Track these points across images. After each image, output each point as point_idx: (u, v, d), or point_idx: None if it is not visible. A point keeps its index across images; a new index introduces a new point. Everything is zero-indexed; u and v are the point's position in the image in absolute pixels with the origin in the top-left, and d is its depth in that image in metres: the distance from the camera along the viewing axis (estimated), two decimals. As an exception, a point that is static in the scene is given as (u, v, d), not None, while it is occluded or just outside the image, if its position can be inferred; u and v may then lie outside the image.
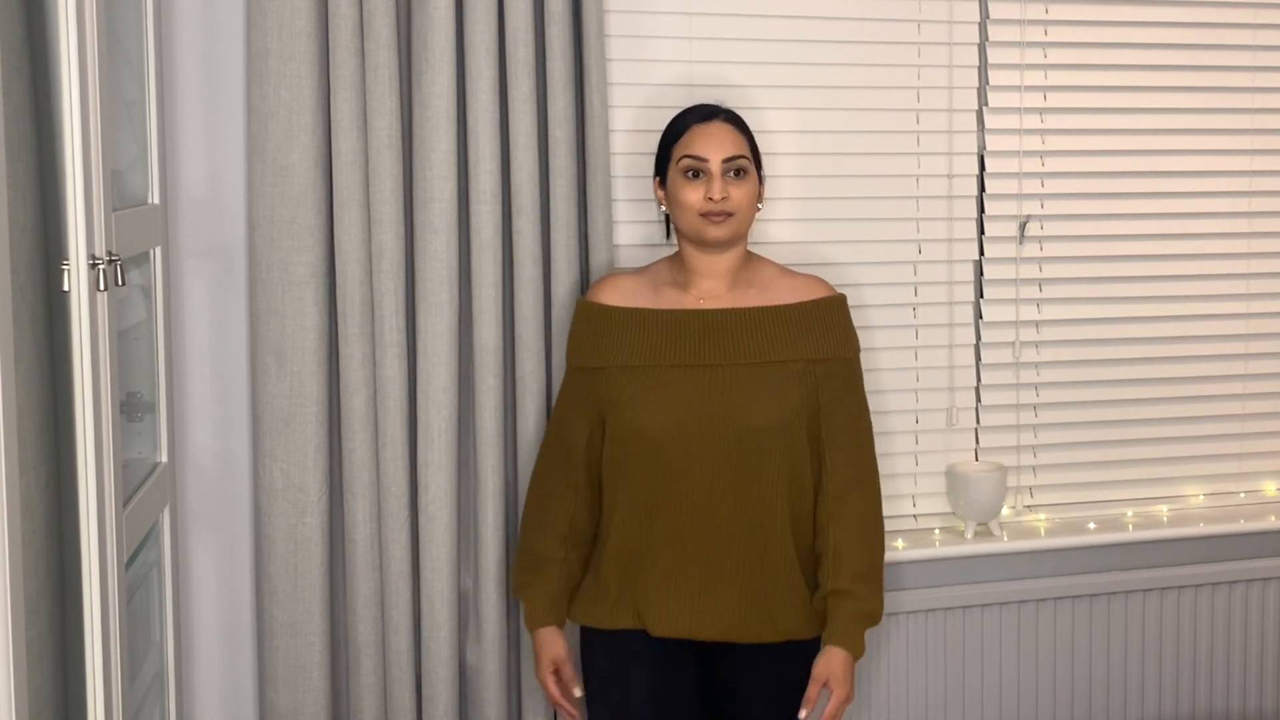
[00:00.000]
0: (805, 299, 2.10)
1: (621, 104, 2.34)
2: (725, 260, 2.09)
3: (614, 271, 2.23)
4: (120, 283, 1.66)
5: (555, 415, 2.16)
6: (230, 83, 2.18)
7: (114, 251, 1.65)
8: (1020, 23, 2.52)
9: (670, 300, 2.10)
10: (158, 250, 2.09)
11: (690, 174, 2.05)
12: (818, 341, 2.08)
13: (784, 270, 2.16)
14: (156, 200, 2.08)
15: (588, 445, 2.10)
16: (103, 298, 1.58)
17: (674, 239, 2.15)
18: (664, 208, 2.13)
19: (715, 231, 2.04)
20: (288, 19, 2.07)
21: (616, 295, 2.12)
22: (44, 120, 1.73)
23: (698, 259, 2.09)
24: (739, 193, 2.05)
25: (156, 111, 2.07)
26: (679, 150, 2.07)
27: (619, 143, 2.33)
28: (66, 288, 1.51)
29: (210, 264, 2.20)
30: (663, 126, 2.38)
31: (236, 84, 2.18)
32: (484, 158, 2.15)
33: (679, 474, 2.03)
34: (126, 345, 1.95)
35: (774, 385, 2.04)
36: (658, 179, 2.13)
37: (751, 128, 2.42)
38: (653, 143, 2.37)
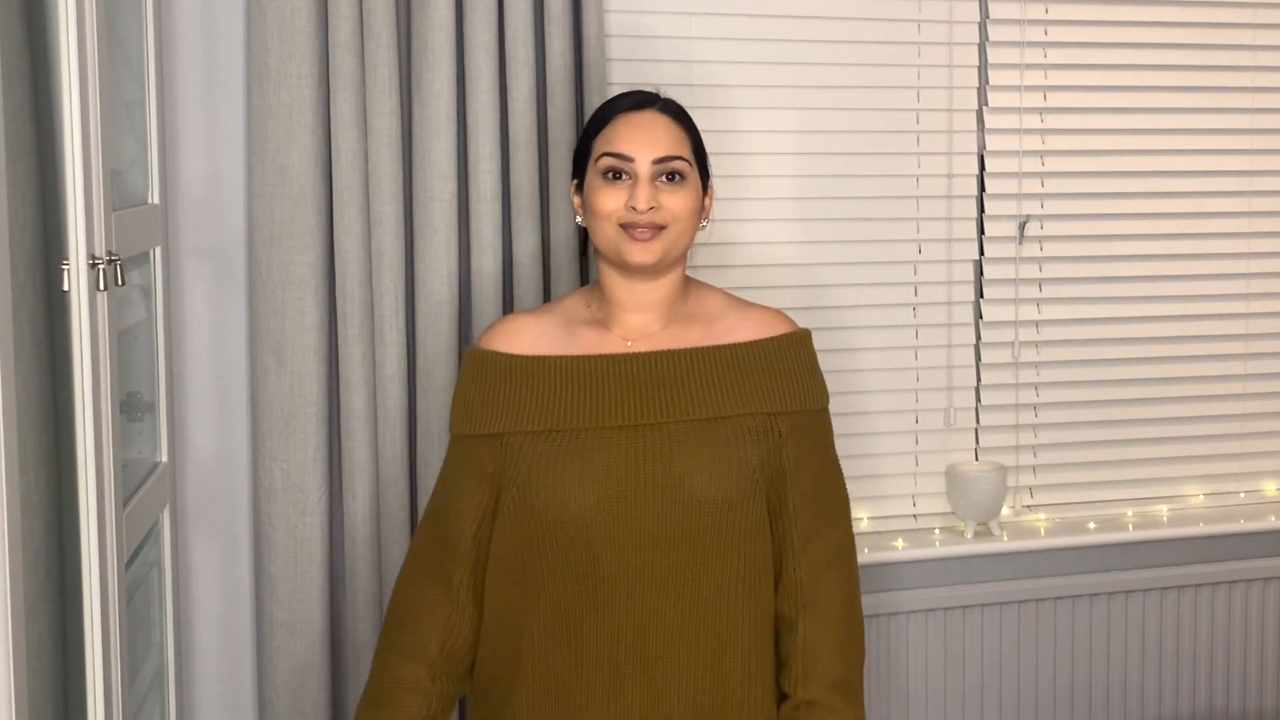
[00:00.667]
0: (762, 336, 1.71)
1: (621, 104, 2.34)
2: (657, 289, 1.69)
3: (513, 312, 1.83)
4: (120, 283, 1.66)
5: (433, 499, 1.75)
6: (230, 83, 2.18)
7: (114, 251, 1.65)
8: (1020, 23, 2.52)
9: (588, 343, 1.70)
10: (158, 250, 2.09)
11: (610, 175, 1.66)
12: (781, 389, 1.68)
13: (734, 300, 1.77)
14: (156, 200, 2.08)
15: (475, 539, 1.68)
16: (103, 298, 1.58)
17: (592, 263, 1.78)
18: (580, 219, 1.74)
19: (639, 253, 1.63)
20: (287, 18, 2.07)
21: (517, 340, 1.71)
22: (44, 120, 1.73)
23: (621, 288, 1.69)
24: (673, 202, 1.64)
25: (156, 111, 2.07)
26: (600, 145, 1.68)
27: (619, 143, 2.32)
28: (66, 288, 1.51)
29: (210, 264, 2.20)
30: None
31: (236, 84, 2.18)
32: (484, 158, 2.15)
33: (609, 570, 1.60)
34: (126, 345, 1.95)
35: (728, 446, 1.64)
36: (575, 182, 1.75)
37: (751, 128, 2.43)
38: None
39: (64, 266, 1.51)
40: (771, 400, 1.68)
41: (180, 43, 2.16)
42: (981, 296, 2.57)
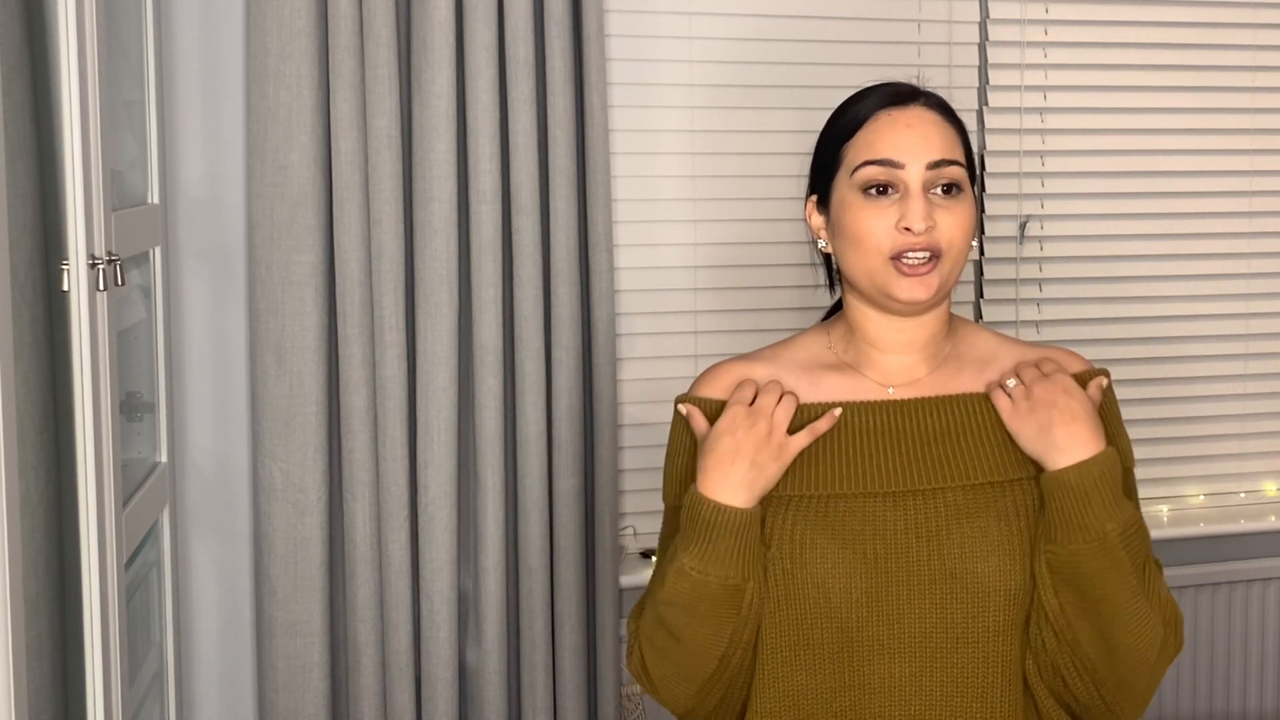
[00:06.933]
0: None
1: (621, 104, 2.34)
2: (924, 326, 1.39)
3: (724, 360, 1.48)
4: (120, 283, 1.66)
5: (654, 578, 1.44)
6: (230, 83, 2.18)
7: (114, 251, 1.65)
8: (1020, 23, 2.52)
9: (838, 390, 1.39)
10: (157, 250, 2.09)
11: (874, 189, 1.34)
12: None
13: (1008, 339, 1.47)
14: (156, 200, 2.08)
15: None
16: (102, 298, 1.58)
17: (837, 292, 1.47)
18: (823, 243, 1.43)
19: (909, 289, 1.32)
20: (287, 18, 2.07)
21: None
22: (44, 120, 1.73)
23: (878, 325, 1.39)
24: (950, 221, 1.32)
25: (156, 111, 2.07)
26: (855, 151, 1.36)
27: (619, 143, 2.33)
28: (66, 288, 1.51)
29: (210, 264, 2.20)
30: (661, 126, 2.39)
31: (236, 84, 2.18)
32: (484, 158, 2.15)
33: (877, 682, 1.31)
34: (126, 345, 1.95)
35: (1018, 519, 1.33)
36: (812, 198, 1.44)
37: (752, 128, 2.43)
38: (650, 143, 2.39)
39: (64, 266, 1.51)
40: None
41: (180, 43, 2.16)
42: (981, 296, 2.57)
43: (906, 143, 1.34)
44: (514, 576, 2.27)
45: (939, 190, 1.34)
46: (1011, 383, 1.36)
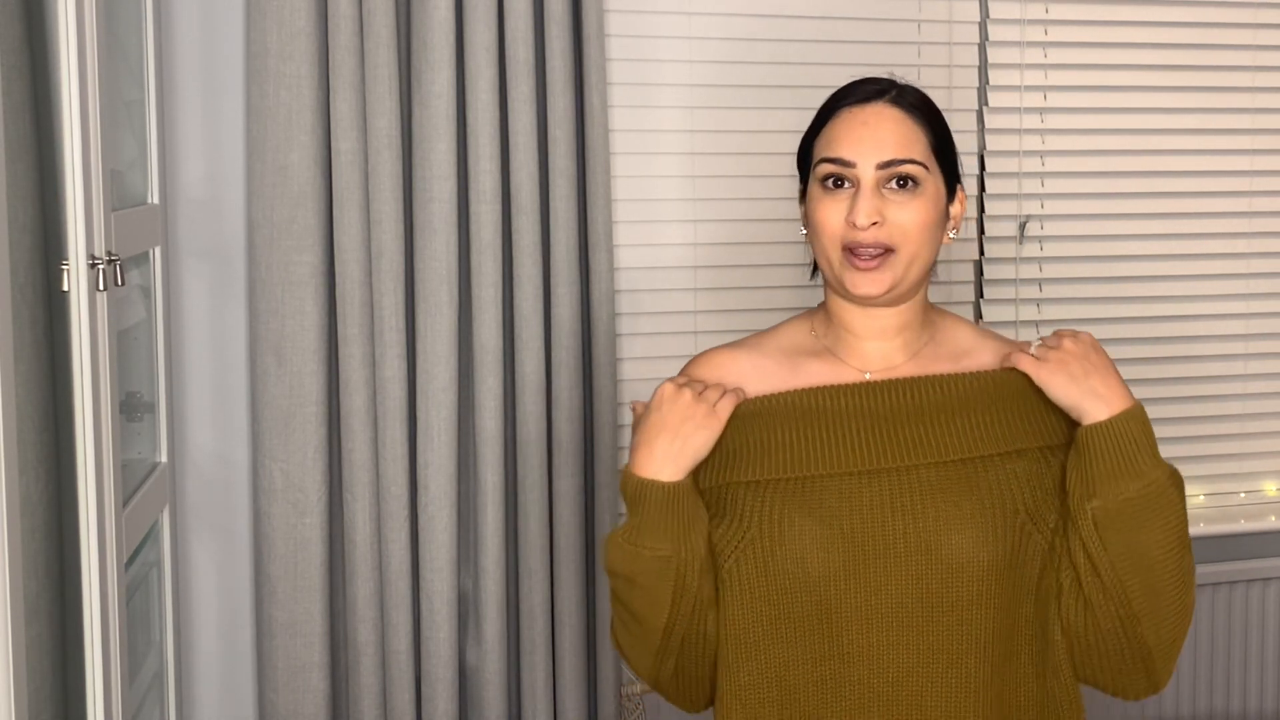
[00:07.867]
0: None
1: (621, 104, 2.34)
2: (898, 315, 1.42)
3: (711, 348, 1.53)
4: (120, 283, 1.66)
5: None
6: (230, 83, 2.18)
7: (114, 251, 1.65)
8: (1020, 23, 2.52)
9: (818, 376, 1.43)
10: (157, 250, 2.09)
11: (830, 183, 1.39)
12: (1060, 415, 1.39)
13: (987, 333, 1.49)
14: (156, 200, 2.08)
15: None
16: (102, 298, 1.59)
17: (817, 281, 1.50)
18: (804, 232, 1.47)
19: (862, 284, 1.36)
20: (287, 18, 2.07)
21: (726, 376, 1.46)
22: (44, 120, 1.73)
23: (852, 313, 1.43)
24: (903, 215, 1.36)
25: (156, 111, 2.07)
26: (819, 147, 1.42)
27: (619, 143, 2.33)
28: (66, 288, 1.51)
29: (210, 264, 2.20)
30: (660, 126, 2.39)
31: (236, 84, 2.18)
32: (484, 158, 2.15)
33: (855, 651, 1.34)
34: (126, 345, 1.95)
35: (994, 493, 1.35)
36: (800, 189, 1.48)
37: (752, 128, 2.43)
38: (650, 143, 2.39)
39: (64, 267, 1.51)
40: (1049, 430, 1.40)
41: (180, 43, 2.16)
42: (981, 296, 2.57)
43: (860, 141, 1.38)
44: (514, 576, 2.27)
45: (894, 184, 1.37)
46: (1036, 342, 1.40)
